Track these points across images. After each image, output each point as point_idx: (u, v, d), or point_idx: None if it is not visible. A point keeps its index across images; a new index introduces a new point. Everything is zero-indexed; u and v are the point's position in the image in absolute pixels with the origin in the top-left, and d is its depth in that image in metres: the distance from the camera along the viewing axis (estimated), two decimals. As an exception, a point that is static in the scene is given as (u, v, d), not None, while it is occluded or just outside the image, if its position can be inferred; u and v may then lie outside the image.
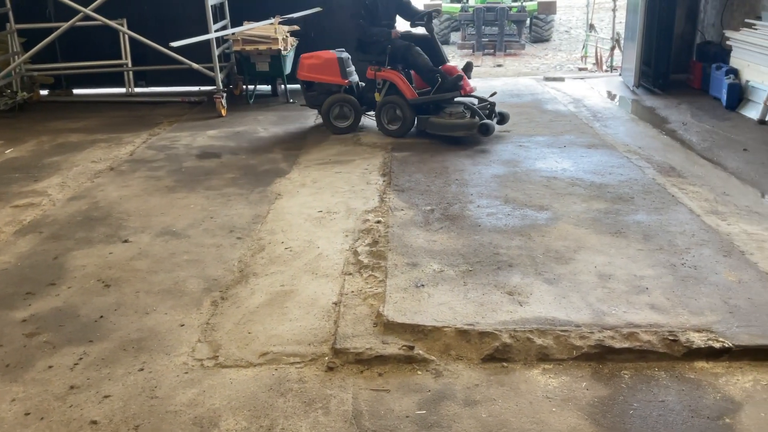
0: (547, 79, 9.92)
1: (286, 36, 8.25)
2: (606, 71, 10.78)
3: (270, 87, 9.05)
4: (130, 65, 9.03)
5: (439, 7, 14.00)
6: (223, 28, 8.42)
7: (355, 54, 6.92)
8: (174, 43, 7.17)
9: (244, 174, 5.63)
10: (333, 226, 4.41)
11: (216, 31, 7.80)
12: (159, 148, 6.54)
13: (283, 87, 8.76)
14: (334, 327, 3.18)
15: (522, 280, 3.54)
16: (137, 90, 9.30)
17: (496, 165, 5.64)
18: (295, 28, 8.49)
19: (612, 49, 10.94)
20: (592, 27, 12.48)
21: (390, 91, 6.61)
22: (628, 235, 4.11)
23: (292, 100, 8.51)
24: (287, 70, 8.35)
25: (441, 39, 13.14)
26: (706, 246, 3.92)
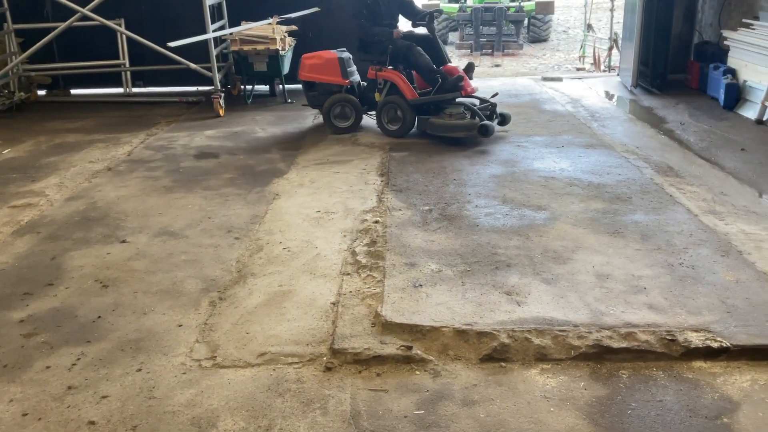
0: (545, 79, 9.92)
1: (284, 36, 8.26)
2: (604, 71, 10.79)
3: (268, 87, 9.04)
4: (127, 65, 9.02)
5: (439, 7, 14.00)
6: (220, 28, 8.41)
7: (357, 54, 6.90)
8: (172, 43, 7.16)
9: (242, 174, 5.63)
10: (331, 226, 4.41)
11: (214, 31, 7.79)
12: (157, 148, 6.54)
13: (281, 87, 8.75)
14: (332, 327, 3.18)
15: (520, 280, 3.54)
16: (135, 90, 9.29)
17: (494, 165, 5.64)
18: (293, 28, 8.50)
19: (610, 49, 10.95)
20: (589, 27, 12.49)
21: (391, 92, 6.60)
22: (626, 235, 4.12)
23: (290, 100, 8.51)
24: (285, 70, 8.35)
25: (439, 39, 13.12)
26: (704, 246, 3.92)
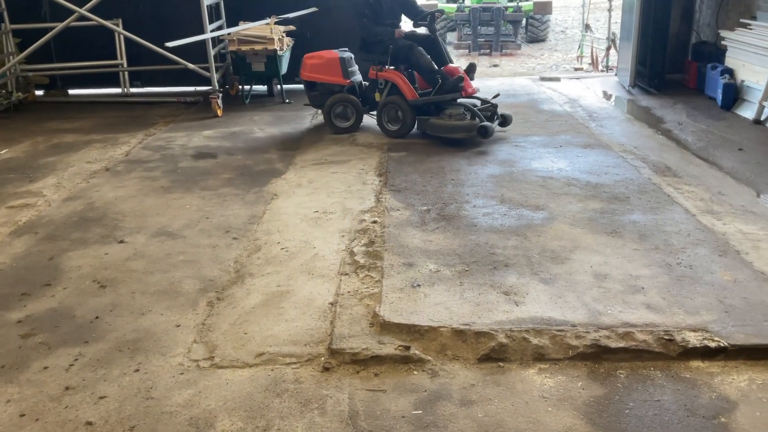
0: (543, 79, 9.93)
1: (282, 36, 8.26)
2: (602, 71, 10.81)
3: (266, 87, 9.04)
4: (125, 65, 9.02)
5: (439, 8, 14.01)
6: (218, 28, 8.41)
7: (359, 53, 6.89)
8: (170, 44, 7.16)
9: (240, 174, 5.62)
10: (329, 226, 4.41)
11: (212, 31, 7.78)
12: (155, 148, 6.53)
13: (279, 87, 8.75)
14: (331, 327, 3.17)
15: (518, 280, 3.54)
16: (133, 90, 9.29)
17: (492, 165, 5.64)
18: (291, 28, 8.50)
19: (608, 49, 10.96)
20: (587, 27, 12.50)
21: (391, 92, 6.60)
22: (624, 234, 4.12)
23: (288, 101, 8.51)
24: (283, 70, 8.36)
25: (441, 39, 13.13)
26: (702, 245, 3.93)
